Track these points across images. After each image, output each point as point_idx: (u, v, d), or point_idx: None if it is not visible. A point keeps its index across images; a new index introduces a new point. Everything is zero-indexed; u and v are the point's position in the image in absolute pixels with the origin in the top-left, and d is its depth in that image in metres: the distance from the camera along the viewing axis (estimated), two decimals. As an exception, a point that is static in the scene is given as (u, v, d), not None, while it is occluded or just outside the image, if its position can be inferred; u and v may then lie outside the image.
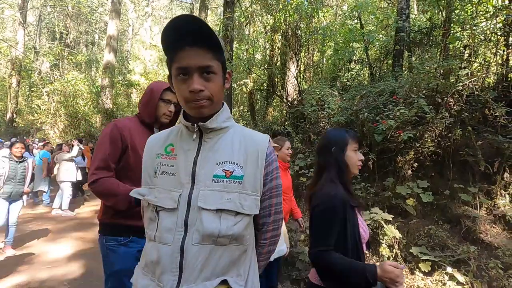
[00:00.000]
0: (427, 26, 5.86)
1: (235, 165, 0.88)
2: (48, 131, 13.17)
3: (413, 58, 5.36)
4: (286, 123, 6.50)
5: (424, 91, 3.93)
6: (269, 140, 0.98)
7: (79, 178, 6.60)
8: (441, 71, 3.99)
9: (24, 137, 11.88)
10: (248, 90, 8.10)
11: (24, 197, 4.22)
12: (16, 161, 4.04)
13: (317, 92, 5.74)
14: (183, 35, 0.80)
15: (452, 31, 4.67)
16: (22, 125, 15.06)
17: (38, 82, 14.65)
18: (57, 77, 14.63)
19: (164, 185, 0.89)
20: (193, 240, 0.82)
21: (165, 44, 0.85)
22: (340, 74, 7.41)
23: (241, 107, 9.18)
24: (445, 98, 3.72)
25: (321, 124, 5.41)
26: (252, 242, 0.95)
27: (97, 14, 20.53)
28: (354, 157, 1.36)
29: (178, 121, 0.97)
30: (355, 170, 1.37)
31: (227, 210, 0.84)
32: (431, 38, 5.61)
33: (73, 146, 6.72)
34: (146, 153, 0.99)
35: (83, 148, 7.68)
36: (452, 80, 3.89)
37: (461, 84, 3.71)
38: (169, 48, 0.85)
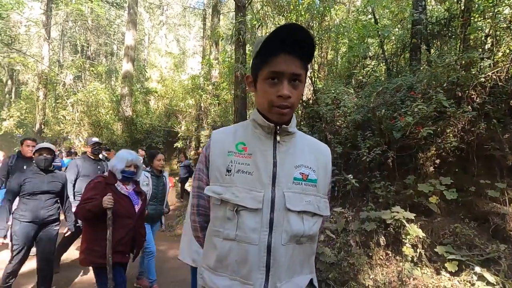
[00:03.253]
0: (445, 17, 5.64)
1: (309, 168, 0.93)
2: (74, 140, 13.81)
3: (431, 51, 5.19)
4: (302, 123, 6.47)
5: (444, 85, 3.81)
6: None
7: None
8: (462, 63, 3.85)
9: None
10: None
11: None
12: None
13: (332, 91, 5.68)
14: (287, 43, 0.84)
15: (472, 21, 4.48)
16: (50, 135, 15.87)
17: (63, 93, 15.42)
18: (80, 88, 15.32)
19: (242, 184, 0.89)
20: (283, 240, 0.86)
21: (263, 48, 0.87)
22: (355, 71, 7.28)
23: (255, 109, 9.23)
24: (467, 91, 3.58)
25: (337, 123, 5.35)
26: None
27: (115, 26, 21.32)
28: None
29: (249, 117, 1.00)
30: None
31: (308, 212, 0.89)
32: (450, 29, 5.40)
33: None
34: (214, 149, 0.97)
35: (105, 155, 8.01)
36: (473, 72, 3.74)
37: (483, 75, 3.56)
38: (267, 51, 0.87)
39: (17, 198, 2.96)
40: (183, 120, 12.11)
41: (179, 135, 11.50)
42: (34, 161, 2.88)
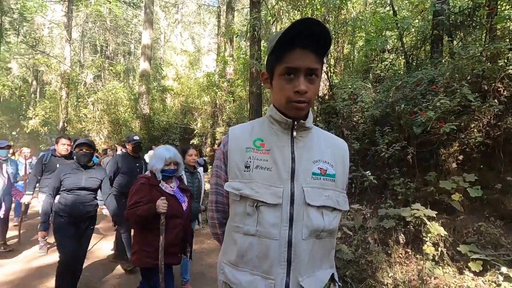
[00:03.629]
0: (469, 6, 5.38)
1: (327, 164, 0.94)
2: (94, 138, 14.30)
3: (454, 43, 4.97)
4: (318, 119, 6.40)
5: (468, 78, 3.65)
6: None
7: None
8: (487, 54, 3.67)
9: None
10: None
11: None
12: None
13: (349, 86, 5.56)
14: (300, 37, 0.84)
15: (498, 10, 4.26)
16: (73, 133, 16.52)
17: (84, 93, 15.97)
18: (100, 87, 15.82)
19: (261, 180, 0.89)
20: (303, 235, 0.86)
21: (278, 44, 0.86)
22: (372, 65, 7.10)
23: (271, 105, 9.22)
24: (493, 84, 3.42)
25: (355, 119, 5.25)
26: None
27: (132, 26, 21.79)
28: None
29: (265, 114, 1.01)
30: None
31: (327, 207, 0.90)
32: (474, 19, 5.15)
33: (116, 150, 7.25)
34: (232, 146, 0.98)
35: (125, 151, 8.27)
36: (500, 64, 3.56)
37: (511, 67, 3.38)
38: (282, 47, 0.86)
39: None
40: (199, 117, 12.26)
41: (195, 132, 11.66)
42: (74, 157, 2.83)
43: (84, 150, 2.76)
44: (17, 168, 4.86)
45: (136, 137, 3.92)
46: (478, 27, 4.98)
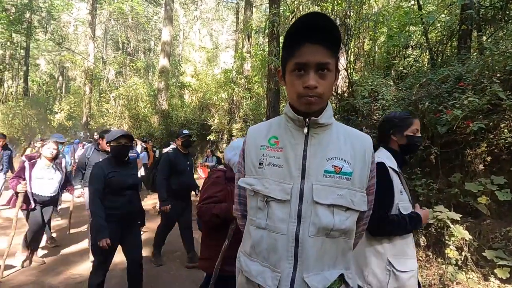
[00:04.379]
0: (502, -1, 5.08)
1: (343, 161, 0.91)
2: (116, 132, 14.78)
3: (484, 38, 4.72)
4: (336, 116, 6.29)
5: (499, 75, 3.45)
6: None
7: (142, 173, 7.30)
8: (521, 50, 3.45)
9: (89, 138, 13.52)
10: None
11: None
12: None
13: (370, 83, 5.42)
14: (308, 32, 0.83)
15: (535, 2, 3.99)
16: (95, 128, 17.15)
17: (106, 88, 16.53)
18: (121, 83, 16.30)
19: (272, 176, 0.92)
20: (310, 232, 0.86)
21: (287, 40, 0.88)
22: (395, 62, 6.86)
23: (288, 102, 9.17)
24: (527, 81, 3.21)
25: (375, 117, 5.11)
26: None
27: (152, 23, 22.26)
28: None
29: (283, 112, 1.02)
30: None
31: (339, 206, 0.87)
32: (507, 13, 4.86)
33: (136, 144, 7.47)
34: (248, 143, 1.03)
35: (144, 146, 8.50)
36: (536, 60, 3.35)
37: (548, 63, 3.17)
38: (291, 43, 0.88)
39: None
40: (216, 114, 12.38)
41: (212, 128, 11.79)
42: (111, 151, 2.52)
43: (123, 142, 2.48)
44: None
45: (185, 131, 3.67)
46: (511, 21, 4.70)
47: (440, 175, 3.70)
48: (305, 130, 0.92)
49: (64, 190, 3.75)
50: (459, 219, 2.95)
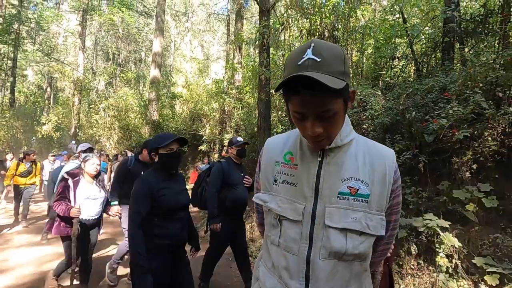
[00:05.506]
0: (481, 13, 5.33)
1: (361, 182, 0.84)
2: (105, 143, 14.55)
3: (466, 50, 4.91)
4: (326, 126, 6.35)
5: (481, 85, 3.58)
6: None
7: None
8: (501, 62, 3.60)
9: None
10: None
11: None
12: None
13: (358, 93, 5.54)
14: (302, 80, 0.71)
15: (512, 17, 4.19)
16: (84, 138, 16.85)
17: (95, 99, 16.34)
18: (111, 94, 16.16)
19: (285, 195, 0.89)
20: (321, 255, 0.83)
21: (282, 84, 0.77)
22: (382, 72, 7.05)
23: (280, 112, 9.22)
24: (508, 92, 3.35)
25: (364, 126, 5.20)
26: None
27: (143, 34, 22.33)
28: None
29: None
30: None
31: (353, 230, 0.82)
32: (487, 26, 5.09)
33: (127, 155, 7.36)
34: (264, 157, 1.00)
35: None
36: (515, 71, 3.49)
37: (527, 74, 3.30)
38: (284, 86, 0.78)
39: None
40: (207, 124, 12.36)
41: (203, 138, 11.75)
42: (160, 161, 1.92)
43: (175, 149, 1.94)
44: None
45: (240, 138, 3.15)
46: (490, 34, 4.91)
47: (428, 183, 3.76)
48: (319, 153, 0.87)
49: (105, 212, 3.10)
50: (448, 226, 2.99)
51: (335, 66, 0.74)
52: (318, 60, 0.73)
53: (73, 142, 12.66)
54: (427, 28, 6.60)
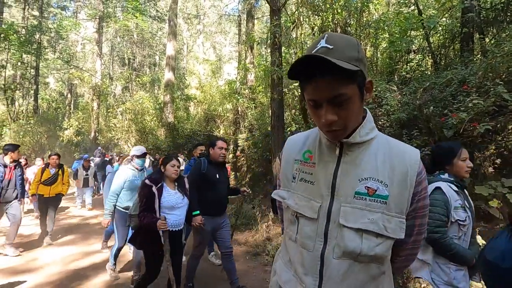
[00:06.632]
0: (502, 1, 5.10)
1: (379, 183, 0.82)
2: (123, 146, 14.98)
3: (487, 40, 4.72)
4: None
5: (503, 76, 3.44)
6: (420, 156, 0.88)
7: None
8: (525, 51, 3.45)
9: (105, 152, 13.70)
10: (299, 93, 8.07)
11: None
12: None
13: (373, 89, 5.43)
14: (314, 65, 0.74)
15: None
16: (103, 142, 17.42)
17: (113, 103, 16.85)
18: (128, 98, 16.62)
19: (303, 193, 0.91)
20: (334, 254, 0.83)
21: (297, 74, 0.80)
22: (397, 67, 6.88)
23: (293, 110, 9.18)
24: (532, 82, 3.19)
25: (380, 122, 5.10)
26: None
27: (157, 38, 22.81)
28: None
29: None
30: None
31: (369, 231, 0.80)
32: (509, 14, 4.86)
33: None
34: (284, 155, 1.03)
35: (152, 159, 8.60)
36: (540, 60, 3.34)
37: (553, 63, 3.15)
38: (300, 77, 0.81)
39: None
40: (221, 124, 12.48)
41: (218, 138, 11.85)
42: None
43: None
44: None
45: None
46: (513, 22, 4.70)
47: (449, 179, 3.65)
48: (337, 151, 0.86)
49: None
50: (471, 223, 2.89)
51: (348, 52, 0.75)
52: (331, 47, 0.74)
53: (99, 148, 13.08)
54: (444, 19, 6.39)
